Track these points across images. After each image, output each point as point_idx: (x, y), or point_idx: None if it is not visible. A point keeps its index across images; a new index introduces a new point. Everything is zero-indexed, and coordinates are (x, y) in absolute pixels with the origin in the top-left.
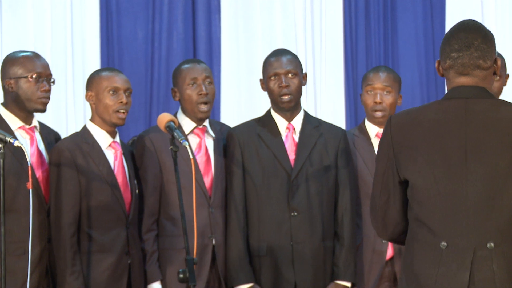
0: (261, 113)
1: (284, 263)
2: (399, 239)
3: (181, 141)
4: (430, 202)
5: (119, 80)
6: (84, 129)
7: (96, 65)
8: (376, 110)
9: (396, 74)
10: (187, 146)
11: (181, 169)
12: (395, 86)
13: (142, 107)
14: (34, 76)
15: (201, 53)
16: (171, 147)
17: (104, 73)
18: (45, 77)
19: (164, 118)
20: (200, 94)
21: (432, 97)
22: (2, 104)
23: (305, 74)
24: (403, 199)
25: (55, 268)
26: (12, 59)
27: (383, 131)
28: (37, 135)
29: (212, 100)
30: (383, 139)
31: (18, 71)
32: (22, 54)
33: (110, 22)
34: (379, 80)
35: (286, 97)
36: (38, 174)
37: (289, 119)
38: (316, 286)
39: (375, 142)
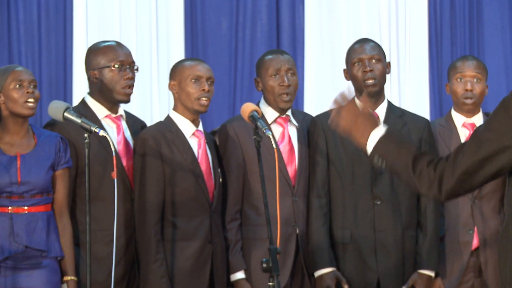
0: None
1: (367, 251)
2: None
3: (264, 131)
4: None
5: (201, 69)
6: (168, 118)
7: (180, 56)
8: (467, 98)
9: (483, 63)
10: (271, 136)
11: (264, 158)
12: (484, 74)
13: (226, 97)
14: (117, 65)
15: (285, 43)
16: (255, 136)
17: (187, 63)
18: (127, 65)
19: (247, 107)
20: (282, 86)
21: None
22: (89, 94)
23: (389, 63)
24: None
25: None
26: (95, 50)
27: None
28: (124, 124)
29: (295, 91)
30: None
31: (101, 61)
32: (104, 44)
33: (194, 13)
34: (470, 68)
35: (370, 81)
36: (125, 162)
37: (373, 107)
38: (398, 275)
39: (462, 132)
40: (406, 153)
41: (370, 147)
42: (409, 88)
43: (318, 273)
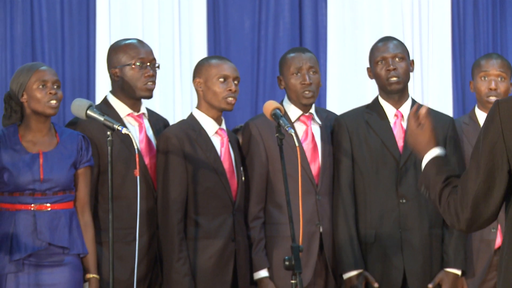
0: (367, 101)
1: (392, 250)
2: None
3: (287, 129)
4: None
5: (228, 68)
6: (191, 117)
7: (203, 54)
8: (491, 96)
9: (508, 61)
10: (293, 134)
11: (287, 156)
12: (509, 73)
13: (249, 95)
14: (137, 63)
15: (307, 41)
16: (277, 134)
17: (214, 61)
18: (148, 62)
19: (270, 105)
20: (304, 84)
21: None
22: (111, 92)
23: (412, 61)
24: (506, 190)
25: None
26: (116, 48)
27: (490, 116)
28: (146, 122)
29: (317, 89)
30: (489, 125)
31: (122, 59)
32: (125, 42)
33: (217, 12)
34: (494, 67)
35: (394, 79)
36: (147, 161)
37: (397, 105)
38: (425, 274)
39: None
40: (438, 183)
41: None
42: (432, 86)
43: (347, 275)
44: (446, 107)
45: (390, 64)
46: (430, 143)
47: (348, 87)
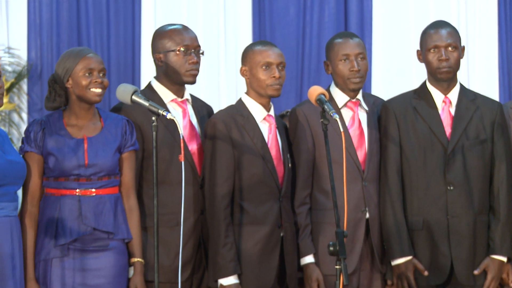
0: (412, 86)
1: (440, 237)
2: None
3: (331, 114)
4: None
5: (272, 55)
6: (240, 102)
7: (248, 40)
8: None
9: None
10: (337, 119)
11: (333, 142)
12: None
13: (293, 80)
14: (182, 49)
15: (353, 26)
16: (322, 120)
17: (257, 47)
18: (193, 49)
19: (314, 91)
20: (352, 71)
21: None
22: (155, 77)
23: (463, 47)
24: None
25: (208, 240)
26: (160, 33)
27: None
28: (189, 108)
29: (365, 75)
30: None
31: (167, 44)
32: (170, 27)
33: None
34: None
35: (445, 69)
36: (191, 146)
37: (445, 91)
38: (471, 261)
39: None
40: None
41: None
42: (478, 70)
43: (396, 261)
44: (492, 92)
45: (442, 54)
46: None
47: (393, 71)
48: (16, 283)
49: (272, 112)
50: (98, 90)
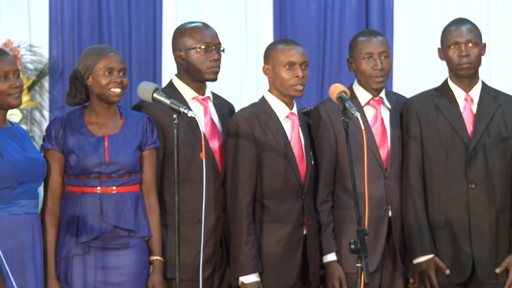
0: (434, 84)
1: (461, 235)
2: None
3: (352, 112)
4: None
5: (295, 54)
6: (263, 100)
7: (269, 37)
8: None
9: None
10: (358, 117)
11: (355, 140)
12: None
13: (315, 78)
14: (202, 47)
15: (374, 24)
16: (343, 117)
17: (280, 46)
18: (213, 46)
19: (336, 89)
20: (375, 69)
21: None
22: (176, 75)
23: (485, 44)
24: None
25: (229, 238)
26: (181, 31)
27: None
28: (211, 106)
29: (388, 73)
30: None
31: (187, 42)
32: (190, 25)
33: None
34: None
35: (466, 65)
36: (212, 144)
37: (467, 89)
38: (493, 259)
39: None
40: None
41: None
42: (500, 68)
43: (417, 260)
44: None
45: (463, 50)
46: None
47: (415, 69)
48: (37, 274)
49: (295, 110)
50: (117, 90)
